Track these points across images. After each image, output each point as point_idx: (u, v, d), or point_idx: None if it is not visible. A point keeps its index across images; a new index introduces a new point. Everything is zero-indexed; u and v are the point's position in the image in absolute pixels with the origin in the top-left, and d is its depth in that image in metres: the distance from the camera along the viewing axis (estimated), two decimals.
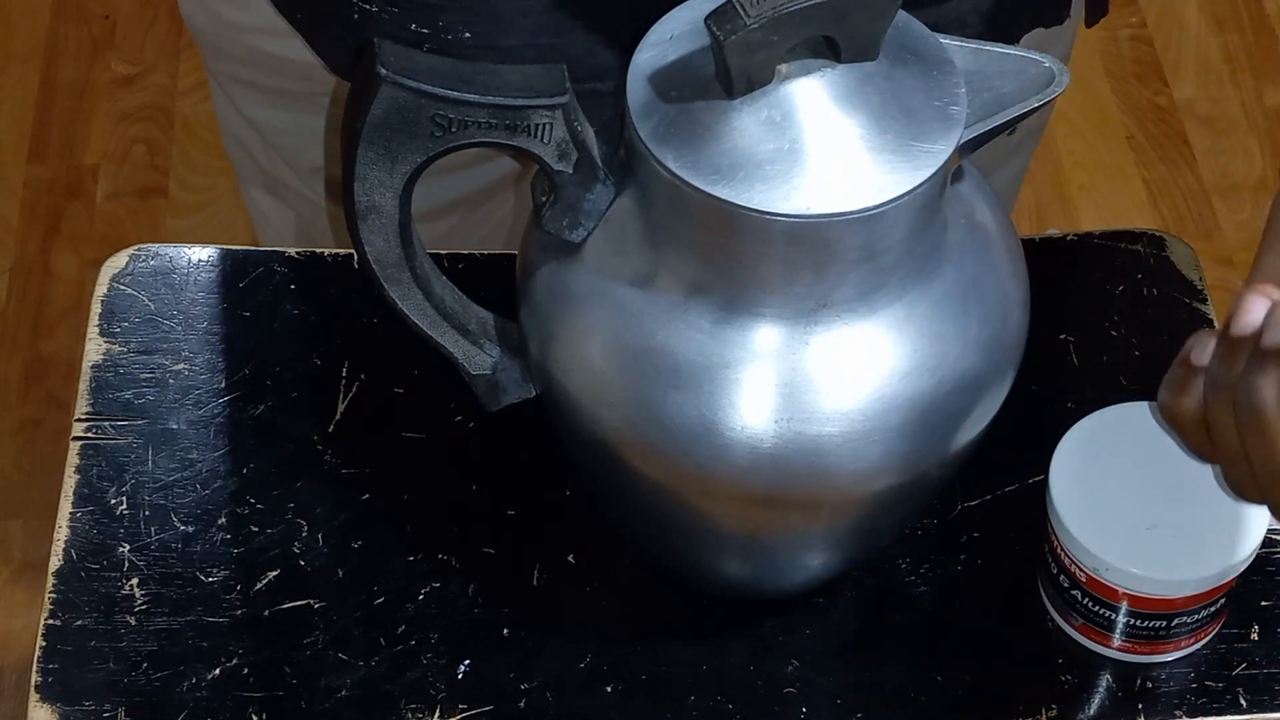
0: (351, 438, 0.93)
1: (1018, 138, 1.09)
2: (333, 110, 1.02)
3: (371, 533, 0.90)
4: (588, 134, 0.76)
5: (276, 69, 1.01)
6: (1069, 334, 0.97)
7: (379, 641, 0.86)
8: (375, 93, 0.74)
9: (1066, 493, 0.84)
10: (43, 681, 0.85)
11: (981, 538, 0.91)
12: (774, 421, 0.76)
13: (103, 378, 0.94)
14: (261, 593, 0.88)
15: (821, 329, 0.76)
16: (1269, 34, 2.21)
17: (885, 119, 0.74)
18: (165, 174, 2.06)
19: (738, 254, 0.74)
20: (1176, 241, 1.01)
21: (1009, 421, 0.82)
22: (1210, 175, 2.08)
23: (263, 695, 0.85)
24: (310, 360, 0.95)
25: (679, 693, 0.86)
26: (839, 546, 0.85)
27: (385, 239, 0.79)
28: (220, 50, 1.04)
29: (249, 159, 1.11)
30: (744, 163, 0.73)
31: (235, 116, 1.08)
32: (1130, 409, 0.87)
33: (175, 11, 2.20)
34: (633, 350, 0.77)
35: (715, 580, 0.87)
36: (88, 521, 0.89)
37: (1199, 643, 0.87)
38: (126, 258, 0.98)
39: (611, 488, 0.84)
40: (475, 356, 0.84)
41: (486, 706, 0.85)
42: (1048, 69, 0.77)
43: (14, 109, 2.11)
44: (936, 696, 0.86)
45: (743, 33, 0.71)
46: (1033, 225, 2.02)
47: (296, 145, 1.05)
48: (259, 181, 1.11)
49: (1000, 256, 0.80)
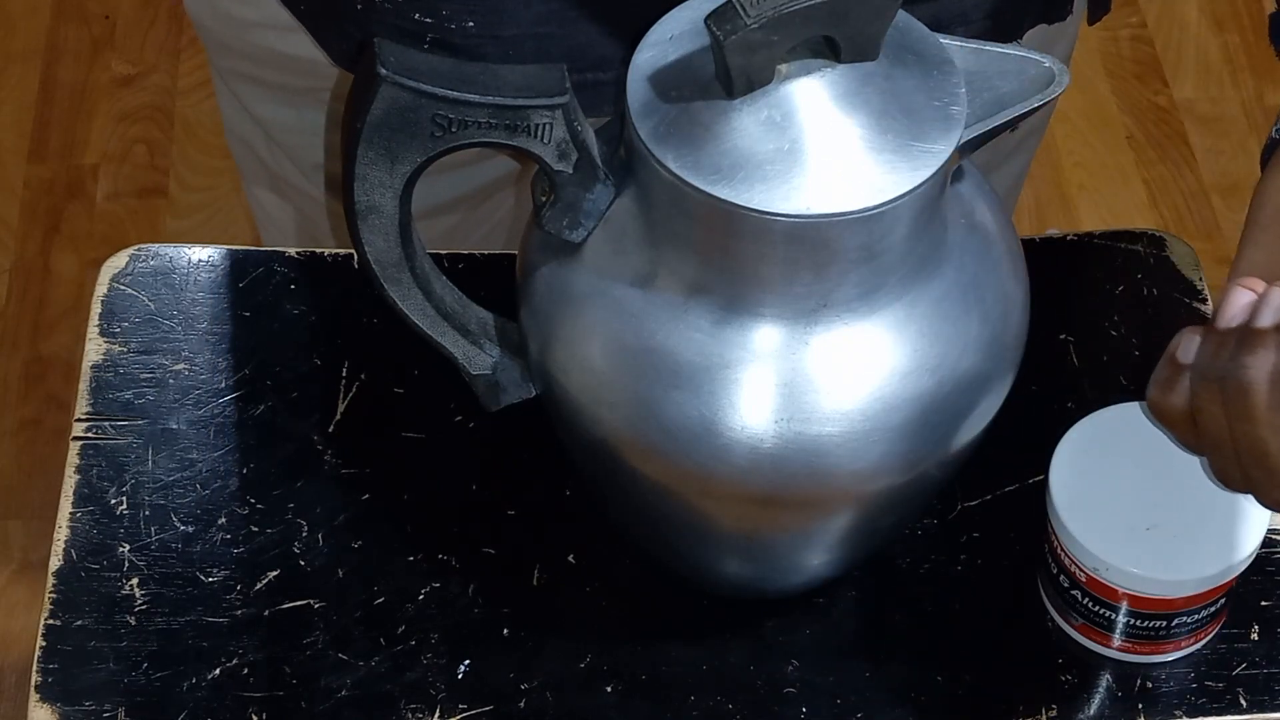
0: (351, 438, 0.93)
1: (1019, 136, 1.09)
2: (333, 106, 1.02)
3: (371, 533, 0.90)
4: (588, 134, 0.76)
5: (281, 65, 1.01)
6: (1069, 334, 0.97)
7: (379, 641, 0.86)
8: (375, 92, 0.74)
9: (1066, 493, 0.84)
10: (43, 681, 0.85)
11: (981, 538, 0.91)
12: (774, 421, 0.76)
13: (103, 378, 0.94)
14: (261, 593, 0.88)
15: (821, 329, 0.76)
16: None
17: (885, 119, 0.74)
18: (165, 174, 2.06)
19: (738, 254, 0.74)
20: (1176, 241, 1.01)
21: (1009, 421, 0.82)
22: (1210, 175, 2.08)
23: (263, 695, 0.85)
24: (310, 360, 0.95)
25: (679, 693, 0.86)
26: (839, 546, 0.85)
27: (385, 239, 0.79)
28: (225, 47, 1.04)
29: (253, 156, 1.11)
30: (744, 163, 0.73)
31: (240, 114, 1.08)
32: (1130, 409, 0.87)
33: (175, 11, 2.20)
34: (633, 350, 0.77)
35: (715, 580, 0.87)
36: (88, 521, 0.89)
37: (1199, 643, 0.87)
38: (126, 258, 0.98)
39: (611, 488, 0.84)
40: (475, 356, 0.84)
41: (486, 706, 0.85)
42: (1048, 69, 0.77)
43: (14, 109, 2.11)
44: (936, 696, 0.86)
45: (743, 33, 0.71)
46: (1033, 225, 2.02)
47: (300, 142, 1.05)
48: (263, 179, 1.11)
49: (1000, 256, 0.80)
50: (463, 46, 0.91)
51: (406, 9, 0.90)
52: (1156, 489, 0.84)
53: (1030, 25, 0.98)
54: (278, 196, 1.11)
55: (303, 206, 1.10)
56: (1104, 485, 0.84)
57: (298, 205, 1.10)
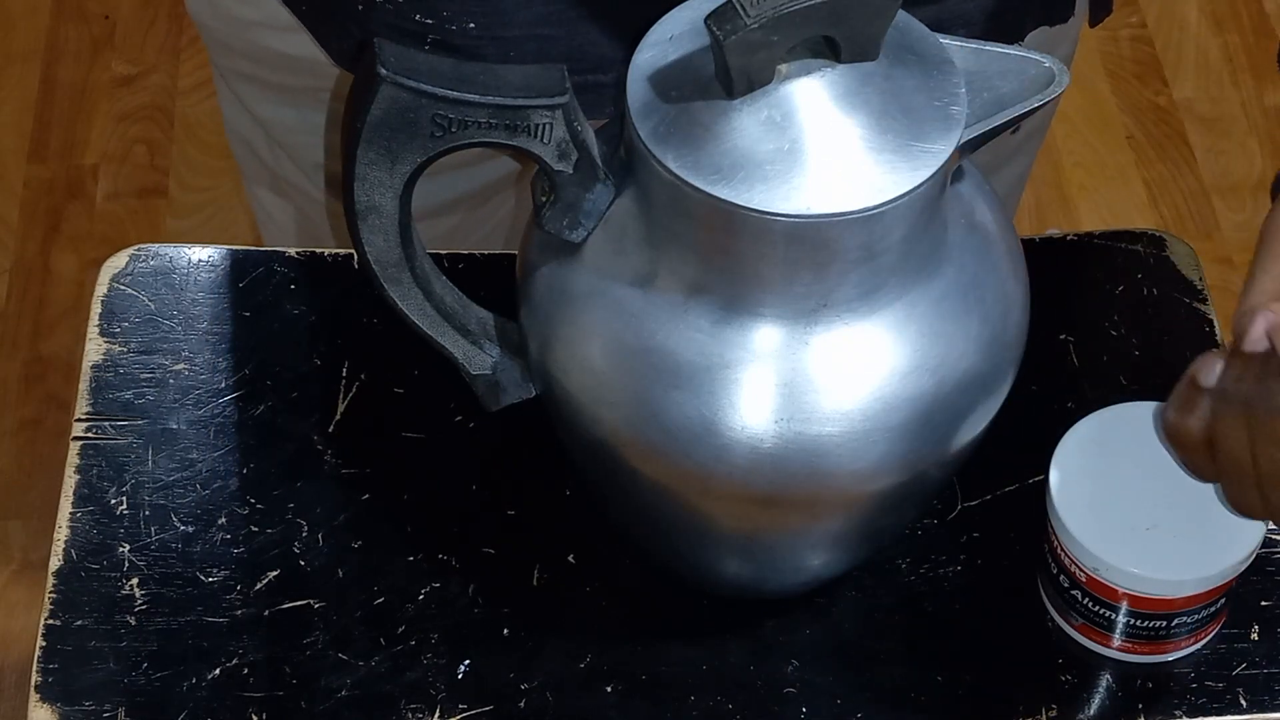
0: (351, 438, 0.93)
1: (1021, 137, 1.09)
2: (333, 106, 1.02)
3: (371, 533, 0.90)
4: (588, 134, 0.76)
5: (281, 65, 1.01)
6: (1069, 334, 0.97)
7: (379, 641, 0.86)
8: (375, 93, 0.74)
9: (1066, 493, 0.84)
10: (43, 681, 0.85)
11: (981, 538, 0.91)
12: (774, 421, 0.76)
13: (103, 378, 0.94)
14: (261, 593, 0.88)
15: (821, 329, 0.76)
16: (1269, 34, 2.21)
17: (885, 119, 0.74)
18: (165, 174, 2.06)
19: (738, 254, 0.74)
20: (1176, 241, 1.01)
21: (1009, 421, 0.82)
22: (1210, 175, 2.08)
23: (263, 695, 0.85)
24: (310, 360, 0.95)
25: (679, 693, 0.86)
26: (839, 547, 0.85)
27: (385, 239, 0.79)
28: (226, 46, 1.04)
29: (253, 156, 1.11)
30: (744, 163, 0.73)
31: (241, 113, 1.08)
32: (1130, 409, 0.87)
33: (175, 11, 2.20)
34: (633, 350, 0.77)
35: (715, 580, 0.87)
36: (88, 521, 0.89)
37: (1199, 643, 0.87)
38: (126, 258, 0.98)
39: (611, 488, 0.84)
40: (475, 356, 0.84)
41: (486, 706, 0.85)
42: (1048, 69, 0.77)
43: (14, 109, 2.11)
44: (936, 696, 0.86)
45: (743, 33, 0.71)
46: (1033, 225, 2.02)
47: (301, 142, 1.06)
48: (263, 179, 1.11)
49: (1000, 256, 0.80)
50: (463, 47, 0.91)
51: (407, 10, 0.91)
52: (1156, 489, 0.84)
53: (1032, 27, 0.98)
54: (278, 196, 1.11)
55: (303, 206, 1.10)
56: (1104, 485, 0.84)
57: (298, 205, 1.10)
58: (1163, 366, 0.95)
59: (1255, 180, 2.08)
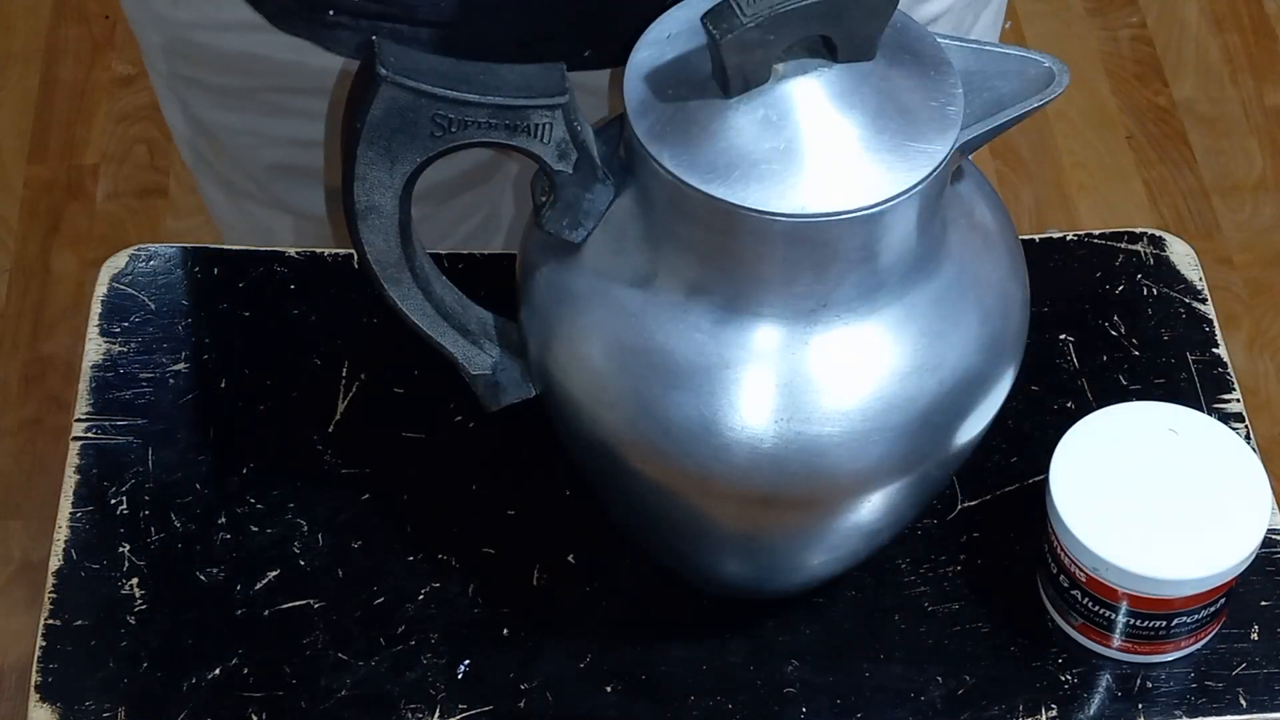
0: (351, 438, 0.93)
1: None
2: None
3: (371, 533, 0.90)
4: (587, 134, 0.76)
5: (220, 66, 1.00)
6: (1069, 334, 0.97)
7: (379, 641, 0.86)
8: (375, 92, 0.74)
9: (1066, 493, 0.84)
10: (43, 681, 0.85)
11: (981, 538, 0.91)
12: (774, 421, 0.76)
13: (103, 378, 0.94)
14: (261, 593, 0.88)
15: (821, 329, 0.76)
16: (1269, 34, 2.21)
17: (882, 119, 0.74)
18: (165, 174, 2.06)
19: (737, 254, 0.74)
20: (1176, 241, 1.01)
21: (1009, 421, 0.82)
22: (1210, 175, 2.08)
23: (263, 695, 0.85)
24: (310, 360, 0.95)
25: (679, 693, 0.86)
26: (839, 546, 0.85)
27: (385, 239, 0.79)
28: (164, 50, 1.03)
29: (203, 160, 1.10)
30: (740, 162, 0.73)
31: (185, 119, 1.07)
32: (1130, 409, 0.87)
33: None
34: (633, 350, 0.77)
35: (715, 580, 0.87)
36: (88, 521, 0.89)
37: (1199, 643, 0.87)
38: (126, 258, 0.98)
39: (611, 488, 0.84)
40: (475, 356, 0.84)
41: (486, 706, 0.85)
42: (1047, 69, 0.77)
43: (14, 109, 2.11)
44: (936, 696, 0.86)
45: (739, 32, 0.71)
46: (1033, 225, 2.02)
47: (244, 144, 1.05)
48: (216, 182, 1.10)
49: (1000, 256, 0.80)
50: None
51: None
52: (1156, 489, 0.84)
53: None
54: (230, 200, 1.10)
55: (253, 211, 1.09)
56: (1104, 485, 0.84)
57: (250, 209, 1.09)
58: (1163, 366, 0.96)
59: (1255, 180, 2.08)
